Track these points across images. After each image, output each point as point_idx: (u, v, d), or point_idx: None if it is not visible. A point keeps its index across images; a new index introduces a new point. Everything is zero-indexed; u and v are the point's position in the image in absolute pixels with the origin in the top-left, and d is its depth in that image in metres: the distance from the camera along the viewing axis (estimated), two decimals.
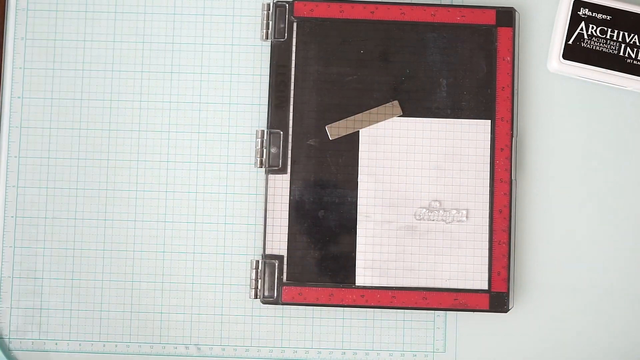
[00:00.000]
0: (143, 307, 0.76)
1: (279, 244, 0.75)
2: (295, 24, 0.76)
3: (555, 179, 0.76)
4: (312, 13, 0.76)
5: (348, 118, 0.76)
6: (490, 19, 0.76)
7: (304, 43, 0.76)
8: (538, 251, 0.76)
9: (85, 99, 0.78)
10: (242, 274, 0.76)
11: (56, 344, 0.76)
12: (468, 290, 0.74)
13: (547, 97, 0.77)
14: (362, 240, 0.75)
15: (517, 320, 0.75)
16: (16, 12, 0.78)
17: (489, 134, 0.75)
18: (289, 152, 0.75)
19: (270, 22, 0.77)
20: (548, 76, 0.77)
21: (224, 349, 0.75)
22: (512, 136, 0.75)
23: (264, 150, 0.76)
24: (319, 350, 0.76)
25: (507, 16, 0.76)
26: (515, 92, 0.76)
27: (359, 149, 0.75)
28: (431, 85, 0.76)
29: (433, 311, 0.75)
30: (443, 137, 0.75)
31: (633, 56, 0.75)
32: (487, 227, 0.74)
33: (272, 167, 0.75)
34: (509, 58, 0.76)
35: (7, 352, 0.76)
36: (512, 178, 0.75)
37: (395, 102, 0.76)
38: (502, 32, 0.76)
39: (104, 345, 0.76)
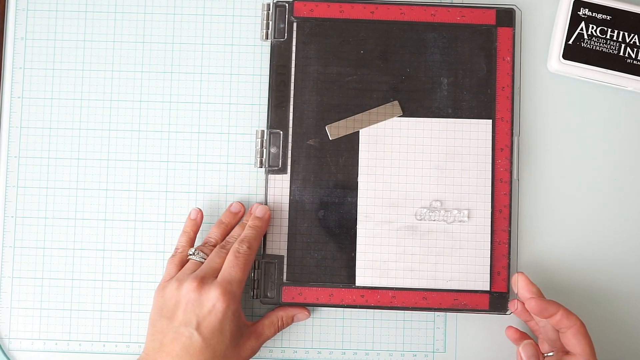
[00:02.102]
0: (143, 307, 0.76)
1: (279, 244, 0.75)
2: (295, 24, 0.76)
3: (555, 178, 0.76)
4: (312, 13, 0.76)
5: (348, 118, 0.76)
6: (490, 19, 0.76)
7: (304, 43, 0.76)
8: (538, 250, 0.76)
9: (85, 99, 0.78)
10: None
11: (56, 344, 0.76)
12: (469, 290, 0.74)
13: (547, 97, 0.77)
14: (362, 241, 0.75)
15: (517, 320, 0.75)
16: (16, 12, 0.78)
17: (490, 133, 0.75)
18: (289, 152, 0.75)
19: (270, 22, 0.77)
20: (548, 76, 0.77)
21: None
22: (512, 136, 0.75)
23: (264, 150, 0.76)
24: (319, 350, 0.76)
25: (507, 16, 0.76)
26: (515, 92, 0.76)
27: (359, 149, 0.75)
28: (431, 85, 0.76)
29: (433, 311, 0.75)
30: (444, 137, 0.75)
31: (633, 56, 0.75)
32: (489, 227, 0.74)
33: (272, 167, 0.75)
34: (509, 58, 0.76)
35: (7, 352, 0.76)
36: (515, 178, 0.75)
37: (396, 102, 0.76)
38: (502, 32, 0.76)
39: (104, 345, 0.76)
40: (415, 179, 0.75)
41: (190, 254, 0.72)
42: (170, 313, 0.68)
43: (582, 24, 0.75)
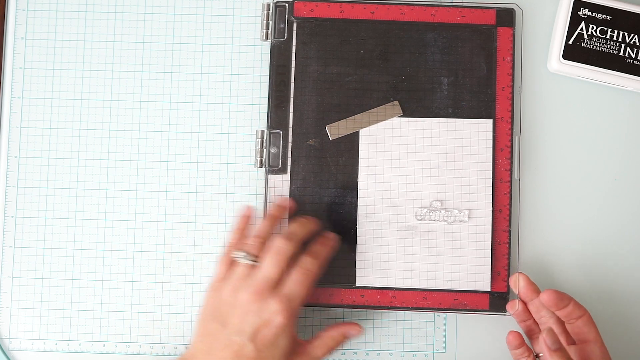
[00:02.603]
0: (143, 307, 0.76)
1: None
2: (295, 24, 0.76)
3: (556, 178, 0.76)
4: (312, 13, 0.76)
5: (348, 118, 0.76)
6: (490, 19, 0.76)
7: (304, 43, 0.76)
8: (539, 250, 0.76)
9: (85, 99, 0.78)
10: None
11: (56, 344, 0.76)
12: (469, 290, 0.74)
13: (547, 97, 0.77)
14: (362, 241, 0.75)
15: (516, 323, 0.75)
16: (16, 12, 0.78)
17: (490, 133, 0.75)
18: (289, 152, 0.75)
19: (270, 22, 0.77)
20: (548, 76, 0.77)
21: None
22: (512, 136, 0.75)
23: (264, 150, 0.76)
24: None
25: (507, 16, 0.76)
26: (515, 92, 0.76)
27: (359, 149, 0.75)
28: (431, 85, 0.76)
29: (433, 311, 0.75)
30: (444, 137, 0.75)
31: (633, 56, 0.75)
32: (490, 227, 0.74)
33: (272, 167, 0.75)
34: (509, 58, 0.76)
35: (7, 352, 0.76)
36: (515, 177, 0.75)
37: (396, 102, 0.76)
38: (502, 32, 0.76)
39: (104, 345, 0.76)
40: (415, 179, 0.75)
41: (237, 256, 0.70)
42: (223, 318, 0.67)
43: (582, 24, 0.75)
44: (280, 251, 0.69)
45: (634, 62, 0.75)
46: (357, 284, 0.74)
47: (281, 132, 0.76)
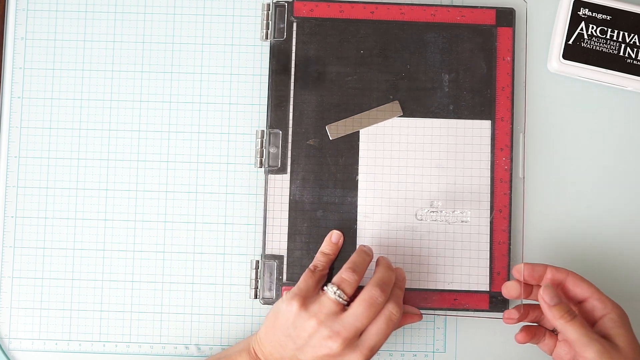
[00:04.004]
0: (143, 307, 0.76)
1: (279, 244, 0.75)
2: (295, 24, 0.76)
3: (555, 178, 0.76)
4: (312, 13, 0.76)
5: (348, 118, 0.76)
6: (490, 19, 0.76)
7: (304, 43, 0.76)
8: (541, 249, 0.76)
9: (85, 99, 0.78)
10: (242, 274, 0.76)
11: (56, 344, 0.76)
12: (469, 291, 0.74)
13: (547, 97, 0.77)
14: (362, 241, 0.75)
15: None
16: (16, 12, 0.78)
17: (491, 132, 0.75)
18: (289, 152, 0.75)
19: (270, 22, 0.77)
20: (548, 76, 0.77)
21: (224, 349, 0.75)
22: (512, 136, 0.75)
23: (264, 150, 0.76)
24: None
25: (507, 16, 0.76)
26: (519, 91, 0.76)
27: (359, 149, 0.75)
28: (431, 85, 0.76)
29: (433, 311, 0.75)
30: (444, 137, 0.75)
31: (633, 56, 0.75)
32: (490, 227, 0.74)
33: (272, 167, 0.75)
34: (509, 58, 0.76)
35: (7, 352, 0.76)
36: (520, 176, 0.75)
37: (396, 102, 0.76)
38: (502, 32, 0.76)
39: (104, 345, 0.76)
40: (415, 178, 0.75)
41: (330, 291, 0.68)
42: (300, 342, 0.67)
43: (582, 24, 0.75)
44: (375, 303, 0.67)
45: (634, 62, 0.75)
46: None
47: (281, 132, 0.76)
